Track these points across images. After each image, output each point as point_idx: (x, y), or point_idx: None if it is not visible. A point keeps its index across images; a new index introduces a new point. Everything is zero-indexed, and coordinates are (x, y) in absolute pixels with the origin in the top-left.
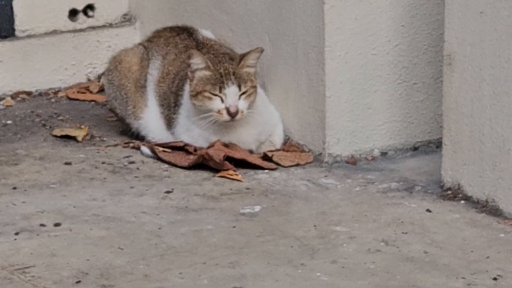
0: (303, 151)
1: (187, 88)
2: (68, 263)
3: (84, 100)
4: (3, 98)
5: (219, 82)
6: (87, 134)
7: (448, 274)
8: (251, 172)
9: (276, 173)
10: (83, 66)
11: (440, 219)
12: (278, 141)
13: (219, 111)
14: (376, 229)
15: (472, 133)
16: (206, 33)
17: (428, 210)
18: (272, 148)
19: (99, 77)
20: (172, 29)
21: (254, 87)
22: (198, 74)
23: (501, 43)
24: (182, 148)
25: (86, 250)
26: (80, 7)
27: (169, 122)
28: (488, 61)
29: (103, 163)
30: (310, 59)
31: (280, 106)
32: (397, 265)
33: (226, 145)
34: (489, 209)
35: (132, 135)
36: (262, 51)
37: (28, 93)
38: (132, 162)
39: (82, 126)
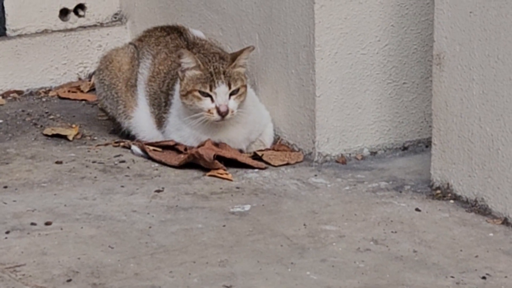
0: (293, 150)
1: (177, 87)
2: (59, 261)
3: (75, 100)
4: None
5: (209, 81)
6: (78, 133)
7: (437, 273)
8: (241, 171)
9: (266, 172)
10: (74, 65)
11: (429, 218)
12: (268, 140)
13: (209, 111)
14: (365, 228)
15: (461, 133)
16: (196, 32)
17: (417, 209)
18: (262, 148)
19: (90, 77)
20: (162, 28)
21: (244, 86)
22: (188, 73)
23: (490, 43)
24: (172, 147)
25: (77, 248)
26: (71, 6)
27: (160, 122)
28: (477, 61)
29: (93, 162)
30: (300, 58)
31: (270, 106)
32: (387, 264)
33: (217, 144)
34: (478, 208)
35: (122, 134)
36: (253, 49)
37: (19, 92)
38: (123, 161)
39: (73, 125)
